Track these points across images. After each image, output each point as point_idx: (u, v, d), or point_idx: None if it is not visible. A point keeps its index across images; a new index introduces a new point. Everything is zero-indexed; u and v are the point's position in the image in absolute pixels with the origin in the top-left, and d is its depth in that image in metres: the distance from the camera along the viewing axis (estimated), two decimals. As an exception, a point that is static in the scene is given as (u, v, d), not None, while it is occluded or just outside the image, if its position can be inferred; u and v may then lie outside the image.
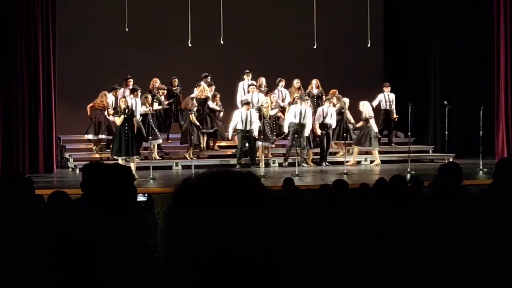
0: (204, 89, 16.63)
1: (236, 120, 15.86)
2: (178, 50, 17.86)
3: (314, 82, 17.67)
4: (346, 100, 16.97)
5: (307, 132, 16.01)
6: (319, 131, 16.35)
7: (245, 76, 17.41)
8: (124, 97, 15.53)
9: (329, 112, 16.42)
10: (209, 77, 17.18)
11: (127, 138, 14.10)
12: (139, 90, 15.81)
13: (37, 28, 15.08)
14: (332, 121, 16.44)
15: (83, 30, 17.82)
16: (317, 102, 17.39)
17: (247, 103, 15.97)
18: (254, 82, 17.28)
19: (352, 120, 17.00)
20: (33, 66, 15.04)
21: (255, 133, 15.73)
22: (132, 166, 14.04)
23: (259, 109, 16.10)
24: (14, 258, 3.90)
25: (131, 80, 16.71)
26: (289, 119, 16.14)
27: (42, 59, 15.12)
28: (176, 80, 17.27)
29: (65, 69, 16.85)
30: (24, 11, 14.98)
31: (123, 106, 14.51)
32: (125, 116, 14.18)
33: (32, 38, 15.02)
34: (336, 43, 18.92)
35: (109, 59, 18.02)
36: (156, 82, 16.88)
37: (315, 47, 17.46)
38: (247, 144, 15.93)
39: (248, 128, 15.76)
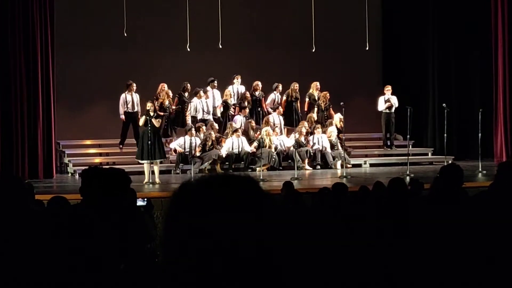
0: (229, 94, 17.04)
1: (227, 148, 15.99)
2: (177, 54, 17.86)
3: (315, 85, 17.68)
4: (338, 117, 17.06)
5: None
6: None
7: (234, 80, 17.44)
8: (152, 102, 15.19)
9: (320, 140, 16.70)
10: (215, 82, 17.16)
11: (150, 141, 13.88)
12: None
13: (36, 33, 15.08)
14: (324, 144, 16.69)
15: (82, 35, 17.81)
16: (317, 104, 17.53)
17: (236, 130, 16.12)
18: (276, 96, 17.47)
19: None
20: (32, 71, 15.03)
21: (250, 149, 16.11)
22: (156, 170, 13.99)
23: (259, 141, 16.06)
24: (14, 259, 3.91)
25: (134, 84, 16.49)
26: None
27: (41, 64, 15.12)
28: (189, 85, 17.00)
29: (64, 74, 16.85)
30: (23, 15, 14.97)
31: (147, 109, 14.26)
32: (148, 118, 13.95)
33: (30, 43, 15.01)
34: (334, 46, 18.93)
35: (107, 64, 18.02)
36: (164, 86, 16.58)
37: (313, 50, 17.47)
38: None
39: (239, 151, 16.07)
